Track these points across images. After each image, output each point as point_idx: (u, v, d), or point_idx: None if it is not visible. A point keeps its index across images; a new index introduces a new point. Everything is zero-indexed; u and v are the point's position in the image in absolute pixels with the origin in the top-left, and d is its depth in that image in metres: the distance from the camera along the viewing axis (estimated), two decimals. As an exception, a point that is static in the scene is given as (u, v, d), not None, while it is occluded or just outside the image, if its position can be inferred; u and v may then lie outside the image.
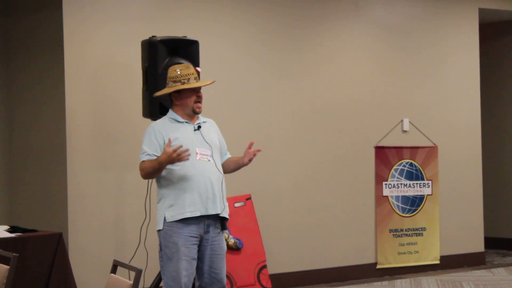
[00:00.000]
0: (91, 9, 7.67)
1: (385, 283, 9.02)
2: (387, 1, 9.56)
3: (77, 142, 7.55)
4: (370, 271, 9.31)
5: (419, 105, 9.71)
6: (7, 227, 6.90)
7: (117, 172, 7.74)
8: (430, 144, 9.76)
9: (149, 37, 6.80)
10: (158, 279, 6.94)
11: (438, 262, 9.71)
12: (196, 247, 5.54)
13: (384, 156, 9.44)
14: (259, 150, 5.77)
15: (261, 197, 8.49)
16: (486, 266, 10.02)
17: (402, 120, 9.58)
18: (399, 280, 9.11)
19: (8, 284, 4.75)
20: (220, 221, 5.64)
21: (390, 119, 9.52)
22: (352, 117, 9.24)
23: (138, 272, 4.10)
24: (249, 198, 8.08)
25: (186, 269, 5.48)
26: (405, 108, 9.61)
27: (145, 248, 7.44)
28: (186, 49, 6.85)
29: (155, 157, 5.49)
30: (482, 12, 10.22)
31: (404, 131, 9.61)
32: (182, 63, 6.68)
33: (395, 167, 9.51)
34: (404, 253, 9.51)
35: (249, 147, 5.74)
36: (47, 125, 7.80)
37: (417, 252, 9.58)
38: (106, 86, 7.74)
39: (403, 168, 9.56)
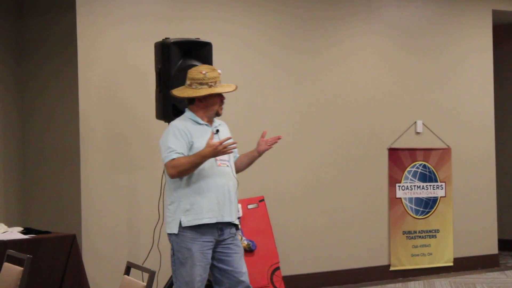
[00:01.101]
0: (104, 10, 7.68)
1: (398, 285, 9.00)
2: (400, 3, 9.55)
3: (91, 144, 7.56)
4: (383, 273, 9.29)
5: (432, 106, 9.69)
6: (21, 228, 6.92)
7: (130, 174, 7.75)
8: (444, 146, 9.74)
9: (163, 39, 6.80)
10: (172, 280, 6.94)
11: (451, 264, 9.69)
12: (210, 251, 5.48)
13: (398, 158, 9.42)
14: (279, 137, 5.69)
15: (274, 199, 8.48)
16: (500, 268, 9.99)
17: (415, 122, 9.57)
18: (412, 282, 9.09)
19: (21, 285, 4.76)
20: (234, 225, 5.60)
21: (403, 120, 9.50)
22: (365, 119, 9.23)
23: (152, 274, 4.10)
24: (262, 200, 8.08)
25: (200, 275, 5.43)
26: (418, 109, 9.59)
27: (159, 249, 7.44)
28: (199, 51, 6.85)
29: (182, 156, 5.40)
30: (495, 13, 10.19)
31: (418, 133, 9.59)
32: (196, 64, 6.69)
33: (408, 169, 9.49)
34: (418, 255, 9.49)
35: (262, 136, 5.70)
36: (60, 127, 7.82)
37: (431, 254, 9.56)
38: (119, 87, 7.75)
39: (417, 170, 9.54)
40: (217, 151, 5.29)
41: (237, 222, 5.60)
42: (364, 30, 9.30)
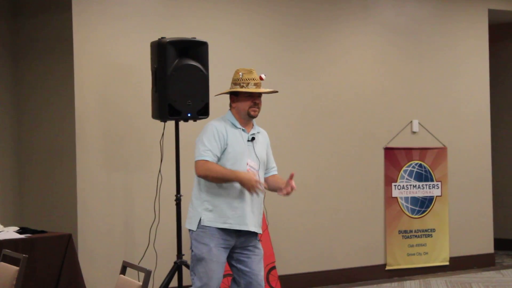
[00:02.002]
0: (99, 9, 7.67)
1: (394, 284, 9.00)
2: (396, 2, 9.55)
3: (86, 144, 7.55)
4: (379, 272, 9.30)
5: (428, 106, 9.69)
6: (16, 228, 6.92)
7: (126, 173, 7.75)
8: (440, 145, 9.74)
9: (159, 39, 6.81)
10: (167, 280, 6.95)
11: (447, 263, 9.69)
12: (227, 251, 5.48)
13: (394, 157, 9.43)
14: (294, 189, 5.60)
15: (270, 198, 8.46)
16: (496, 267, 10.00)
17: (411, 121, 9.57)
18: (408, 282, 9.10)
19: (17, 285, 4.76)
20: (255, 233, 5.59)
21: (399, 120, 9.50)
22: (361, 118, 9.23)
23: (148, 273, 4.10)
24: (258, 199, 8.07)
25: (217, 272, 5.43)
26: (414, 109, 9.60)
27: (154, 249, 7.44)
28: (195, 50, 6.86)
29: (216, 160, 5.40)
30: (491, 13, 10.20)
31: (414, 132, 9.59)
32: (191, 64, 6.71)
33: (404, 168, 9.50)
34: (414, 254, 9.50)
35: (291, 178, 5.60)
36: (55, 126, 7.81)
37: (427, 253, 9.57)
38: (114, 87, 7.74)
39: (413, 169, 9.55)
40: (250, 185, 5.32)
41: (259, 231, 5.57)
42: (360, 30, 9.31)
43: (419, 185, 9.56)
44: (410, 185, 9.51)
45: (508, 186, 11.34)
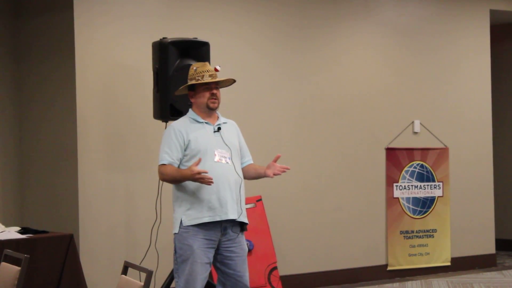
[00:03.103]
0: (101, 9, 7.68)
1: (395, 285, 9.00)
2: (398, 2, 9.55)
3: (88, 144, 7.56)
4: (380, 273, 9.30)
5: (430, 106, 9.69)
6: (18, 228, 6.92)
7: (128, 173, 7.75)
8: (441, 146, 9.74)
9: (160, 39, 6.81)
10: (169, 280, 6.94)
11: (449, 264, 9.69)
12: (212, 251, 5.45)
13: (395, 158, 9.42)
14: (288, 168, 5.62)
15: (272, 198, 8.48)
16: (497, 268, 10.00)
17: (413, 122, 9.57)
18: (409, 282, 9.09)
19: (19, 285, 4.76)
20: (240, 224, 5.55)
21: (400, 120, 9.50)
22: (362, 118, 9.23)
23: (149, 274, 4.10)
24: (259, 200, 8.08)
25: (201, 273, 5.40)
26: (416, 109, 9.59)
27: (156, 249, 7.44)
28: (197, 51, 6.86)
29: (176, 161, 5.45)
30: (493, 13, 10.19)
31: (415, 133, 9.59)
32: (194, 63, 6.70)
33: (405, 168, 9.50)
34: (415, 254, 9.50)
35: (275, 160, 5.61)
36: (57, 127, 7.81)
37: (428, 253, 9.56)
38: (116, 87, 7.75)
39: (414, 169, 9.55)
40: (194, 178, 5.30)
41: (243, 219, 5.53)
42: (361, 29, 9.30)
43: (420, 186, 9.56)
44: (412, 185, 9.51)
45: (509, 186, 11.34)
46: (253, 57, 8.54)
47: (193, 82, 5.55)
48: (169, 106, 6.68)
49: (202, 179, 5.29)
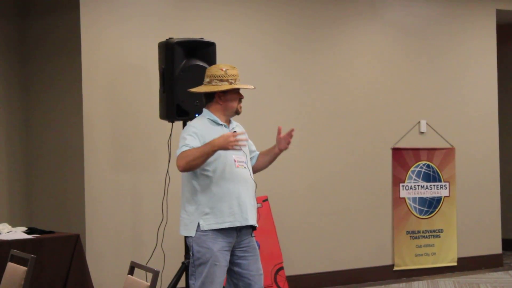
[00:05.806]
0: (107, 9, 7.69)
1: (402, 285, 8.99)
2: (403, 3, 9.54)
3: (94, 144, 7.57)
4: (387, 273, 9.29)
5: (436, 106, 9.68)
6: (25, 228, 6.93)
7: (134, 174, 7.75)
8: (447, 146, 9.73)
9: (166, 39, 6.81)
10: (175, 280, 6.94)
11: (455, 264, 9.68)
12: (229, 253, 5.39)
13: (401, 158, 9.41)
14: (293, 130, 5.52)
15: (278, 198, 8.48)
16: (504, 268, 9.98)
17: (419, 122, 9.56)
18: (416, 282, 9.09)
19: (25, 285, 4.77)
20: (251, 226, 5.48)
21: (407, 120, 9.49)
22: (369, 119, 9.22)
23: (155, 274, 4.10)
24: (266, 200, 8.08)
25: (220, 276, 5.33)
26: (422, 109, 9.58)
27: (162, 249, 7.44)
28: (203, 51, 6.86)
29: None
30: (499, 13, 10.18)
31: (421, 133, 9.58)
32: (199, 64, 6.70)
33: (412, 168, 9.49)
34: (421, 255, 9.49)
35: (279, 133, 5.53)
36: (64, 127, 7.82)
37: (434, 254, 9.55)
38: (122, 87, 7.76)
39: (420, 169, 9.54)
40: (228, 141, 5.10)
41: (256, 224, 5.51)
42: (368, 30, 9.30)
43: (427, 186, 9.55)
44: (418, 185, 9.50)
45: (516, 187, 11.33)
46: (259, 58, 8.54)
47: (234, 86, 5.38)
48: (175, 107, 6.67)
49: (237, 143, 5.13)
